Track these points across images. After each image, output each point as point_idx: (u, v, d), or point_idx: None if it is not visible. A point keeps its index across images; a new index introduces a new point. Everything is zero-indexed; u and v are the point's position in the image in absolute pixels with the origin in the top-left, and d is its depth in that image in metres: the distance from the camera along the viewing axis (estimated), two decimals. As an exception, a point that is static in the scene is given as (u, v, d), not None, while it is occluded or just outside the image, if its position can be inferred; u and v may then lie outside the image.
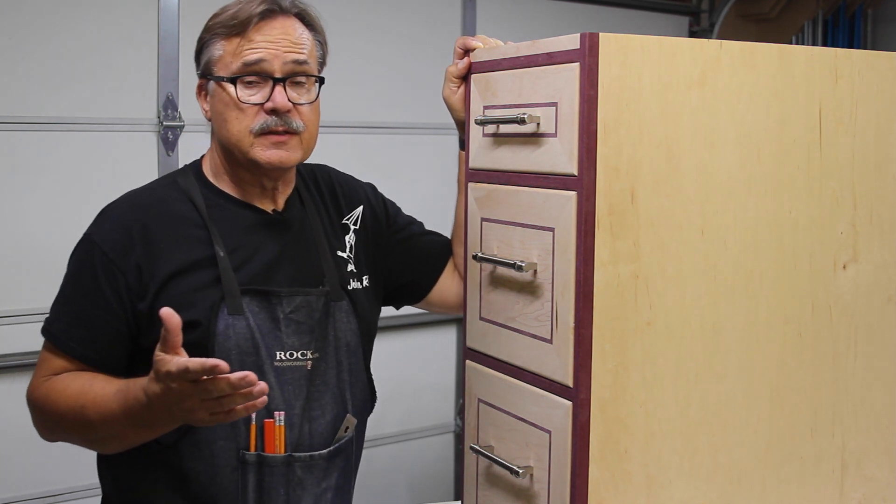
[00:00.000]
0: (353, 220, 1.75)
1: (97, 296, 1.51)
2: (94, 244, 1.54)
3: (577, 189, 1.31)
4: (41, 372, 1.54)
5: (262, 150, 1.54)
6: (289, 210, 1.66)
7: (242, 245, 1.58)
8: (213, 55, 1.57)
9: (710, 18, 4.18)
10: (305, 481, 1.57)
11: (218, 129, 1.58)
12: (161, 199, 1.59)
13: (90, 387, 1.47)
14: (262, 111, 1.53)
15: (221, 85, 1.56)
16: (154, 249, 1.52)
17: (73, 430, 1.50)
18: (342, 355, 1.63)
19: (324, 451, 1.59)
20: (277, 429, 1.53)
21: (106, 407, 1.43)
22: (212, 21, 1.59)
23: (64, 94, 2.74)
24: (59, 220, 2.76)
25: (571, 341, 1.33)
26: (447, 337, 3.57)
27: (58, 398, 1.49)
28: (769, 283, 1.43)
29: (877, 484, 1.56)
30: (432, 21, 3.38)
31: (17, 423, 2.73)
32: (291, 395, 1.56)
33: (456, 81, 1.60)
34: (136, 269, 1.51)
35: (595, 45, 1.29)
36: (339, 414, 1.62)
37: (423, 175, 3.34)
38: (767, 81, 1.41)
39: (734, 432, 1.43)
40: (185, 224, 1.56)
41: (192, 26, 2.92)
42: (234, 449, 1.52)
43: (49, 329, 1.55)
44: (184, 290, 1.52)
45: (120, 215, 1.56)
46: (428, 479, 3.60)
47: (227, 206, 1.60)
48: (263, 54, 1.53)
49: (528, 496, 1.43)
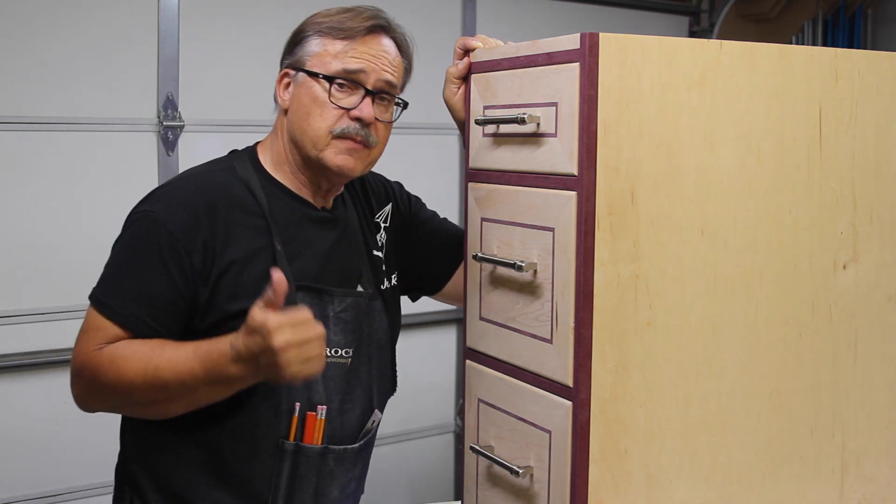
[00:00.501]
0: (383, 217, 1.79)
1: (160, 273, 1.50)
2: (158, 221, 1.52)
3: (577, 189, 1.31)
4: (95, 339, 1.51)
5: (335, 153, 1.57)
6: (336, 209, 1.69)
7: (295, 239, 1.60)
8: (311, 50, 1.59)
9: (710, 18, 4.18)
10: (336, 471, 1.62)
11: (297, 120, 1.59)
12: (223, 183, 1.59)
13: (161, 349, 1.47)
14: (346, 116, 1.57)
15: (314, 79, 1.58)
16: (219, 233, 1.53)
17: (138, 392, 1.47)
18: (373, 352, 1.68)
19: (355, 445, 1.64)
20: (318, 422, 1.58)
21: (184, 365, 1.43)
22: (317, 19, 1.62)
23: (64, 94, 2.75)
24: (60, 220, 2.77)
25: (571, 341, 1.33)
26: (447, 337, 3.57)
27: (124, 363, 1.47)
28: (769, 283, 1.43)
29: (877, 484, 1.56)
30: (432, 21, 3.38)
31: (18, 422, 2.74)
32: (332, 391, 1.60)
33: (456, 82, 1.61)
34: (202, 249, 1.52)
35: (595, 45, 1.29)
36: (367, 408, 1.67)
37: (423, 175, 3.34)
38: (767, 81, 1.41)
39: (734, 432, 1.43)
40: (246, 212, 1.57)
41: (192, 26, 2.93)
42: (275, 437, 1.56)
43: (104, 301, 1.52)
44: (244, 279, 1.53)
45: (186, 195, 1.55)
46: (428, 479, 3.60)
47: (283, 198, 1.62)
48: (364, 65, 1.58)
49: (528, 496, 1.43)
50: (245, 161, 1.64)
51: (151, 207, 1.54)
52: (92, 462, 2.76)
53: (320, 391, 1.59)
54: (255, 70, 2.87)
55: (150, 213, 1.53)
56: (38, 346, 2.75)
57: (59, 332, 2.77)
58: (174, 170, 2.89)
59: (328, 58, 1.58)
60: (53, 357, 2.76)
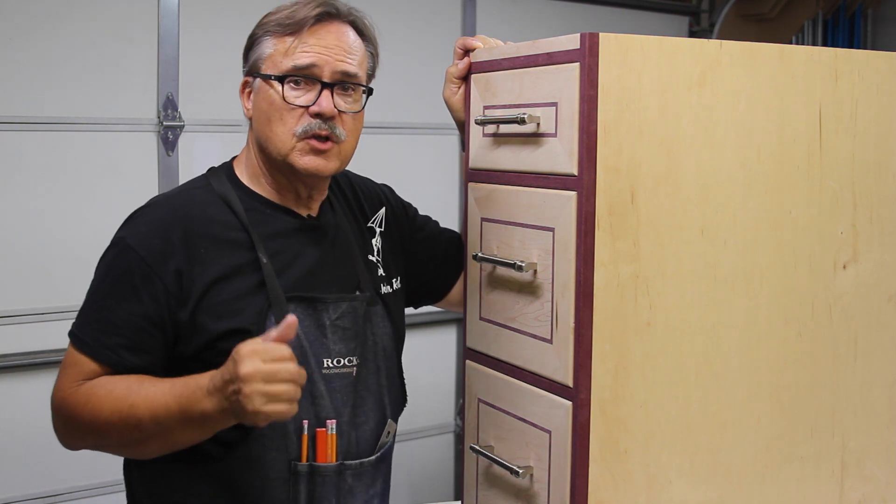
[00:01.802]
0: (377, 222, 1.73)
1: (135, 302, 1.45)
2: (129, 248, 1.47)
3: (577, 189, 1.31)
4: (72, 376, 1.46)
5: (301, 155, 1.51)
6: (323, 216, 1.63)
7: (283, 250, 1.54)
8: (263, 53, 1.54)
9: (710, 18, 4.18)
10: (355, 489, 1.55)
11: (260, 127, 1.54)
12: (198, 202, 1.53)
13: (139, 385, 1.41)
14: (306, 114, 1.50)
15: (268, 83, 1.53)
16: (195, 254, 1.47)
17: (114, 431, 1.42)
18: (380, 360, 1.62)
19: (372, 458, 1.57)
20: (329, 437, 1.51)
21: (160, 401, 1.38)
22: (265, 19, 1.56)
23: (64, 94, 2.74)
24: (60, 220, 2.77)
25: (571, 341, 1.33)
26: (447, 337, 3.57)
27: (100, 401, 1.42)
28: (769, 283, 1.43)
29: (877, 484, 1.56)
30: (432, 21, 3.38)
31: (18, 422, 2.74)
32: (340, 403, 1.54)
33: (456, 82, 1.60)
34: (176, 274, 1.46)
35: (595, 45, 1.29)
36: (381, 419, 1.61)
37: (423, 175, 3.33)
38: (767, 81, 1.41)
39: (734, 432, 1.43)
40: (225, 228, 1.51)
41: (192, 26, 2.93)
42: (286, 460, 1.49)
43: (80, 336, 1.48)
44: (228, 297, 1.48)
45: (157, 219, 1.50)
46: (428, 479, 3.60)
47: (265, 210, 1.56)
48: (315, 59, 1.50)
49: (528, 496, 1.43)
50: (221, 177, 1.59)
51: (124, 233, 1.50)
52: (92, 462, 2.74)
53: (327, 405, 1.52)
54: (255, 70, 2.86)
55: (120, 239, 1.49)
56: (38, 346, 2.74)
57: (58, 332, 2.74)
58: (174, 170, 2.89)
59: (279, 57, 1.52)
60: (53, 357, 2.75)
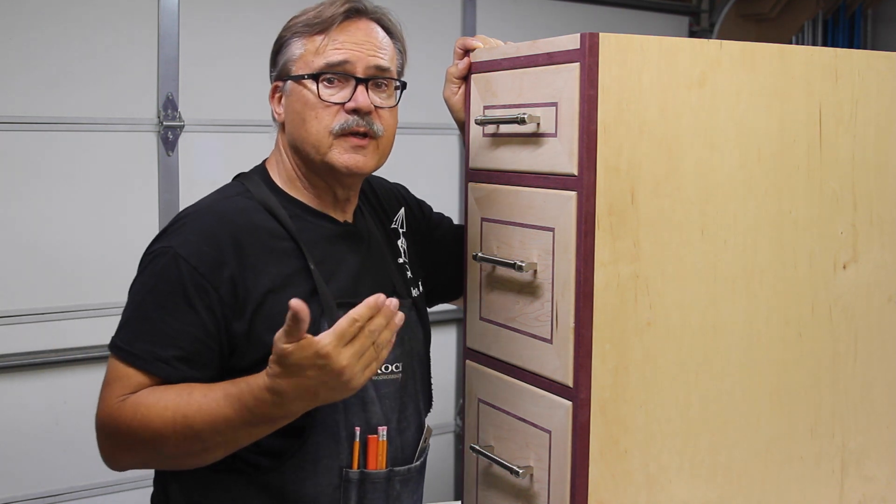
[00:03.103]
0: (399, 223, 1.71)
1: (187, 313, 1.40)
2: (179, 258, 1.41)
3: (577, 189, 1.31)
4: (118, 390, 1.39)
5: (340, 153, 1.48)
6: (358, 221, 1.60)
7: (328, 257, 1.51)
8: (293, 54, 1.51)
9: (710, 18, 4.18)
10: (402, 495, 1.54)
11: (294, 129, 1.51)
12: (241, 209, 1.49)
13: (189, 396, 1.36)
14: (342, 111, 1.48)
15: (301, 83, 1.49)
16: (247, 263, 1.43)
17: (170, 443, 1.36)
18: (416, 365, 1.60)
19: (416, 464, 1.56)
20: (380, 444, 1.49)
21: (218, 413, 1.33)
22: (292, 22, 1.53)
23: (64, 94, 2.75)
24: (60, 220, 2.77)
25: (571, 341, 1.33)
26: (447, 337, 3.57)
27: (149, 413, 1.35)
28: (769, 284, 1.43)
29: (877, 484, 1.56)
30: (432, 21, 3.38)
31: (18, 422, 2.74)
32: (389, 409, 1.52)
33: (456, 82, 1.60)
34: (230, 283, 1.41)
35: (595, 45, 1.29)
36: (420, 425, 1.60)
37: (423, 175, 3.33)
38: (767, 81, 1.41)
39: (734, 432, 1.43)
40: (272, 236, 1.47)
41: (192, 26, 2.93)
42: (337, 468, 1.47)
43: (129, 350, 1.40)
44: (283, 308, 1.35)
45: (206, 226, 1.45)
46: (428, 479, 3.59)
47: (306, 217, 1.53)
48: (348, 55, 1.48)
49: (528, 496, 1.43)
50: (258, 182, 1.54)
51: (169, 243, 1.43)
52: (92, 462, 2.74)
53: (377, 411, 1.49)
54: (255, 70, 2.85)
55: (168, 248, 1.42)
56: (38, 346, 2.75)
57: (58, 332, 2.77)
58: (174, 170, 2.89)
59: (310, 56, 1.49)
60: (53, 357, 2.76)
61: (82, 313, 2.82)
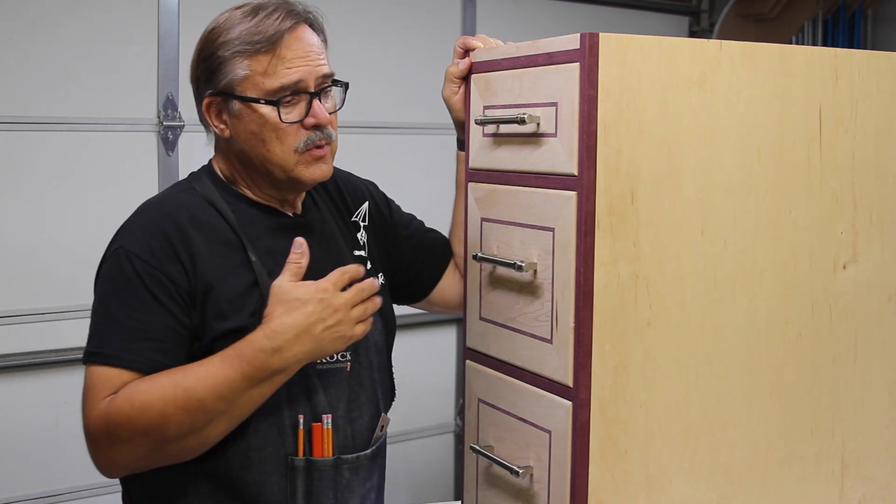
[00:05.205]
0: (360, 216, 1.73)
1: (152, 304, 1.43)
2: (130, 254, 1.44)
3: (577, 189, 1.31)
4: (101, 394, 1.40)
5: (306, 168, 1.51)
6: (307, 213, 1.63)
7: (272, 249, 1.53)
8: (236, 74, 1.49)
9: (710, 18, 4.18)
10: (352, 483, 1.56)
11: (251, 149, 1.52)
12: (186, 204, 1.52)
13: (184, 372, 1.39)
14: (301, 128, 1.50)
15: (251, 106, 1.49)
16: (195, 256, 1.47)
17: (172, 423, 1.37)
18: (372, 355, 1.62)
19: (367, 452, 1.58)
20: (325, 432, 1.52)
21: (219, 377, 1.37)
22: (224, 38, 1.50)
23: (64, 94, 2.75)
24: (60, 220, 2.77)
25: (571, 341, 1.33)
26: (447, 337, 3.57)
27: (148, 397, 1.37)
28: (769, 284, 1.43)
29: (877, 484, 1.56)
30: (432, 21, 3.38)
31: (18, 422, 2.74)
32: (335, 398, 1.55)
33: (456, 82, 1.60)
34: (183, 275, 1.45)
35: (595, 45, 1.29)
36: (375, 414, 1.62)
37: (423, 175, 3.33)
38: (767, 81, 1.41)
39: (734, 432, 1.43)
40: (215, 229, 1.51)
41: (192, 26, 2.92)
42: (283, 455, 1.50)
43: (102, 352, 1.42)
44: (227, 298, 1.47)
45: (151, 222, 1.49)
46: (428, 479, 3.60)
47: (250, 210, 1.56)
48: (300, 73, 1.48)
49: (528, 496, 1.43)
50: (204, 179, 1.57)
51: (120, 243, 1.47)
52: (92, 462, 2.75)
53: (322, 400, 1.53)
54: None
55: (118, 250, 1.46)
56: (37, 346, 2.75)
57: (58, 332, 2.77)
58: (174, 170, 2.88)
59: (258, 78, 1.48)
60: (53, 357, 2.76)
61: (82, 313, 2.81)
